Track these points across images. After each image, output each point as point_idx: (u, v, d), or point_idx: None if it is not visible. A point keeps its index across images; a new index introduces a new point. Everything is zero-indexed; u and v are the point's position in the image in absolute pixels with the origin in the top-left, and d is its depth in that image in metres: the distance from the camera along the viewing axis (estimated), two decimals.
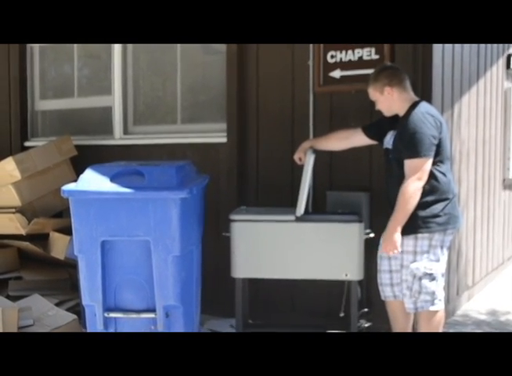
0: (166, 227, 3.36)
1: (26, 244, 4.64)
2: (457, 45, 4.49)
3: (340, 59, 4.07)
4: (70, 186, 3.48)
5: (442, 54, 4.15)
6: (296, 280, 3.94)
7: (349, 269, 3.70)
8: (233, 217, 3.78)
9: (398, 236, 3.28)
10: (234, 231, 3.76)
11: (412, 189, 3.23)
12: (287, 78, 4.33)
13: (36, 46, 5.44)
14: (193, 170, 3.76)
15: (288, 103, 4.35)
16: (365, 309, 4.02)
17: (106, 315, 3.48)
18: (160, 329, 3.43)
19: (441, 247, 3.36)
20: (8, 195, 4.55)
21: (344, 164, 4.08)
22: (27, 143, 5.43)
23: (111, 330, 3.49)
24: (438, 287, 3.36)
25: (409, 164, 3.25)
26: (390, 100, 3.39)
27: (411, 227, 3.30)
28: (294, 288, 4.23)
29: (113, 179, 3.41)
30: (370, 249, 3.89)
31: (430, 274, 3.33)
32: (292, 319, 4.29)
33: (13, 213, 4.50)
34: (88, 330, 3.55)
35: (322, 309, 4.12)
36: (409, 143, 3.25)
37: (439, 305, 3.39)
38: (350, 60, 4.02)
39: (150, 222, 3.36)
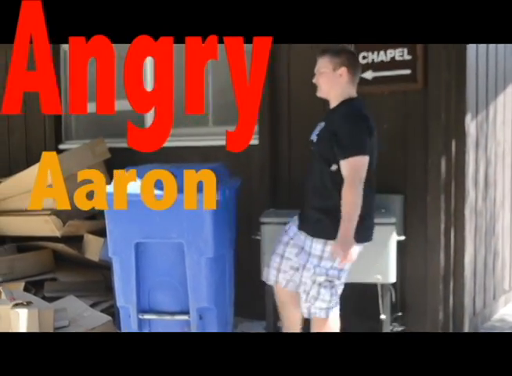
0: (199, 229, 3.38)
1: (61, 246, 4.70)
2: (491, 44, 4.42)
3: (372, 60, 4.02)
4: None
5: (476, 53, 4.08)
6: None
7: (382, 272, 3.67)
8: (263, 219, 3.77)
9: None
10: (264, 234, 3.75)
11: None
12: None
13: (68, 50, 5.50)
14: (225, 172, 3.76)
15: (319, 104, 4.28)
16: (399, 313, 3.97)
17: (140, 316, 3.51)
18: (194, 331, 3.44)
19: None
20: None
21: (378, 166, 4.03)
22: (61, 146, 5.49)
23: (145, 331, 3.52)
24: (335, 295, 3.25)
25: (345, 164, 3.09)
26: (336, 82, 3.21)
27: (323, 232, 3.16)
28: None
29: None
30: (403, 251, 3.87)
31: (331, 281, 3.20)
32: None
33: (48, 215, 4.57)
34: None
35: (354, 311, 4.08)
36: (344, 140, 3.10)
37: (333, 314, 3.27)
38: (382, 61, 3.97)
39: (183, 224, 3.38)
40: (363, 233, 3.17)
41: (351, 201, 3.03)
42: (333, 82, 3.24)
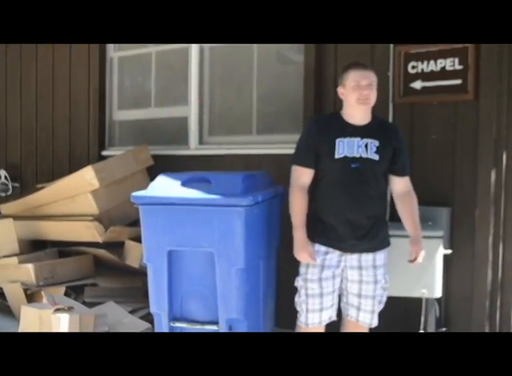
0: (230, 239, 3.32)
1: (102, 252, 4.71)
2: None
3: (422, 69, 3.96)
4: (139, 193, 3.52)
5: None
6: None
7: (427, 286, 3.59)
8: None
9: None
10: None
11: None
12: None
13: (115, 57, 5.55)
14: (266, 180, 3.71)
15: None
16: (443, 329, 3.88)
17: (171, 324, 3.48)
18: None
19: None
20: (86, 203, 4.63)
21: (425, 178, 3.96)
22: (104, 152, 5.53)
23: None
24: None
25: (408, 179, 3.31)
26: None
27: (385, 241, 3.31)
28: None
29: (181, 186, 3.45)
30: (448, 265, 3.77)
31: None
32: None
33: (91, 221, 4.58)
34: None
35: (397, 325, 4.00)
36: (406, 158, 3.31)
37: None
38: (432, 71, 3.91)
39: (214, 233, 3.33)
40: None
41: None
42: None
